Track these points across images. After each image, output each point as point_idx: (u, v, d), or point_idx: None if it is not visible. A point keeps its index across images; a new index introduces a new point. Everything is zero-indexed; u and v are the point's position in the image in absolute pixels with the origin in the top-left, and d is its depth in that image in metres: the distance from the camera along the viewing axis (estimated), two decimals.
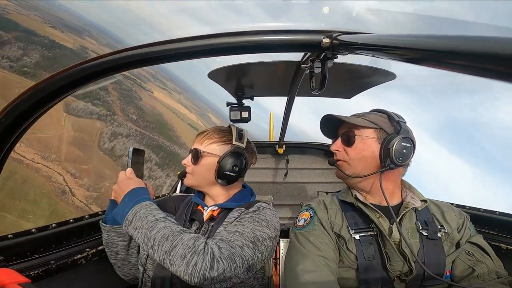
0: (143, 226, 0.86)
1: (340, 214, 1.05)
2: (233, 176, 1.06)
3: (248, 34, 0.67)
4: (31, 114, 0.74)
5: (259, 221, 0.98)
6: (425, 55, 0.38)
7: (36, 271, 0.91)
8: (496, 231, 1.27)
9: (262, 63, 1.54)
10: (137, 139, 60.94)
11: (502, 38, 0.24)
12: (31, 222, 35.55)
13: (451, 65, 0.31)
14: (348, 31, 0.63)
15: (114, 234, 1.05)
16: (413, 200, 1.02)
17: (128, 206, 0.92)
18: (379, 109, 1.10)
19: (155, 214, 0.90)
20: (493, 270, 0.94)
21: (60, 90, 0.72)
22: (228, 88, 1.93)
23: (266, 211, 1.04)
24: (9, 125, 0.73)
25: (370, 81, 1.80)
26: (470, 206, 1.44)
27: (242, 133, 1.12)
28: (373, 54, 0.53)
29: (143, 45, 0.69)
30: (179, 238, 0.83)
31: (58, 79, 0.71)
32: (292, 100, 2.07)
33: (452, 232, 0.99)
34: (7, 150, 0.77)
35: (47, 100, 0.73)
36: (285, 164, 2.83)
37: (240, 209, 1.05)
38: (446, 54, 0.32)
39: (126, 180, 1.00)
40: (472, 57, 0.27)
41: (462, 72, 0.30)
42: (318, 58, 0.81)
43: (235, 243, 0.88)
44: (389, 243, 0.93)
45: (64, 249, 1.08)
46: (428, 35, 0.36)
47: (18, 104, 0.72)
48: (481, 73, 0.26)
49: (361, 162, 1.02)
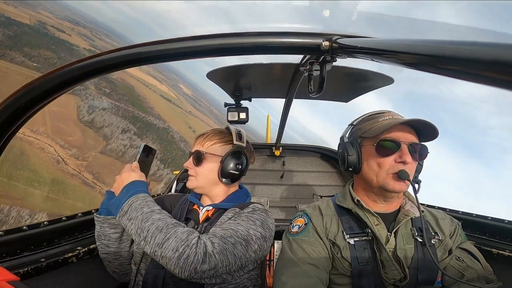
0: (137, 217, 0.86)
1: (335, 220, 1.04)
2: (236, 175, 1.09)
3: (248, 36, 0.66)
4: (26, 111, 0.73)
5: (253, 220, 0.98)
6: (424, 60, 0.38)
7: (25, 269, 0.90)
8: (487, 236, 1.28)
9: (261, 64, 1.54)
10: (113, 111, 61.91)
11: (502, 44, 0.24)
12: (38, 189, 37.84)
13: (450, 71, 0.31)
14: (348, 35, 0.64)
15: (107, 225, 1.04)
16: (412, 209, 1.01)
17: (125, 197, 0.92)
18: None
19: (151, 206, 0.90)
20: (483, 276, 0.94)
21: (55, 87, 0.71)
22: (226, 88, 1.92)
23: (261, 211, 1.04)
24: (3, 122, 0.72)
25: (368, 85, 1.81)
26: (463, 211, 1.46)
27: (241, 134, 1.14)
28: (372, 58, 0.53)
29: (148, 43, 0.69)
30: (173, 231, 0.83)
31: (55, 76, 0.70)
32: (290, 102, 2.07)
33: (445, 239, 1.00)
34: (1, 147, 0.76)
35: (43, 97, 0.72)
36: (281, 166, 2.83)
37: (235, 209, 1.05)
38: (445, 60, 0.32)
39: (129, 171, 1.01)
40: (471, 63, 0.27)
41: (461, 78, 0.30)
42: (317, 61, 0.81)
43: (228, 239, 0.89)
44: (385, 251, 0.93)
45: (55, 247, 1.07)
46: (428, 40, 0.36)
47: (12, 101, 0.71)
48: (480, 79, 0.26)
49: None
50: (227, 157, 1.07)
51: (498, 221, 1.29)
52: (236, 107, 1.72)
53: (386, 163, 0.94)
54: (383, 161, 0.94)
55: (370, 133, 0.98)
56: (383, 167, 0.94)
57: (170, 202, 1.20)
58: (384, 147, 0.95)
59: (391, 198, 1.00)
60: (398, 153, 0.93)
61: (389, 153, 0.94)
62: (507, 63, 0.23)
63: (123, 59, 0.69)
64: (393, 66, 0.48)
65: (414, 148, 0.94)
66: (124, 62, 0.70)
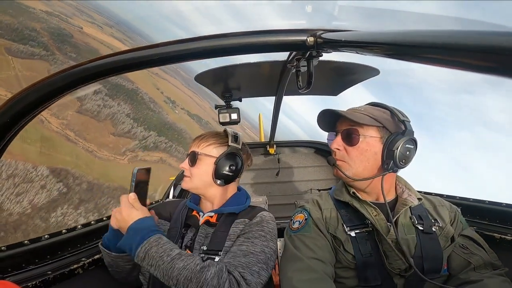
0: (159, 266, 0.85)
1: (335, 213, 1.04)
2: (230, 176, 1.09)
3: (233, 36, 0.66)
4: (29, 112, 0.73)
5: (264, 235, 1.00)
6: (407, 50, 0.38)
7: (33, 282, 0.90)
8: (487, 220, 1.27)
9: (248, 64, 1.54)
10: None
11: (480, 31, 0.25)
12: (32, 146, 37.89)
13: (433, 59, 0.32)
14: (332, 29, 0.64)
15: (120, 260, 1.02)
16: (410, 198, 1.00)
17: (136, 241, 0.89)
18: (379, 103, 1.04)
19: (169, 252, 0.88)
20: (489, 262, 0.93)
21: (57, 90, 0.71)
22: (216, 90, 1.91)
23: (268, 220, 1.07)
24: (5, 124, 0.72)
25: (355, 77, 1.83)
26: (460, 196, 1.45)
27: (237, 136, 1.15)
28: (357, 51, 0.54)
29: (132, 50, 0.68)
30: (203, 279, 0.83)
31: (58, 78, 0.70)
32: (280, 99, 2.08)
33: (446, 226, 0.98)
34: (2, 149, 0.76)
35: (47, 98, 0.72)
36: (277, 164, 2.84)
37: (244, 221, 1.06)
38: (427, 49, 0.32)
39: (129, 208, 0.95)
40: (453, 51, 0.28)
41: (444, 66, 0.31)
42: (303, 57, 0.81)
43: (253, 268, 0.91)
44: (386, 242, 0.91)
45: (59, 260, 1.07)
46: (409, 31, 0.37)
47: (14, 103, 0.71)
48: (462, 66, 0.27)
49: (363, 163, 0.97)
50: (222, 158, 1.08)
51: (496, 205, 1.28)
52: (226, 108, 1.71)
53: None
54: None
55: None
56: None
57: (169, 209, 1.19)
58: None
59: (361, 186, 1.02)
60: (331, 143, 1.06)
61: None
62: (486, 50, 0.24)
63: (126, 62, 0.69)
64: (377, 57, 0.49)
65: (333, 135, 1.06)
66: (126, 65, 0.70)
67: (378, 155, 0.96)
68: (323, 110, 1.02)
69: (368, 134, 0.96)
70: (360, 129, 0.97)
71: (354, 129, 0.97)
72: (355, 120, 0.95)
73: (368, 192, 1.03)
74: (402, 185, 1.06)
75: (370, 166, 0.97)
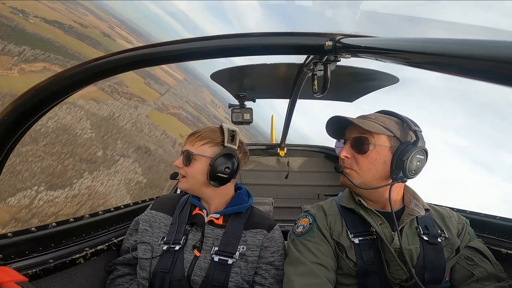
0: None
1: (339, 220, 1.03)
2: (225, 178, 1.05)
3: (252, 36, 0.67)
4: (35, 113, 0.73)
5: (283, 253, 1.08)
6: (429, 59, 0.37)
7: (34, 270, 0.91)
8: (496, 235, 1.25)
9: (265, 65, 1.55)
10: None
11: (505, 42, 0.24)
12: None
13: (455, 68, 0.31)
14: (351, 34, 0.63)
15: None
16: (417, 208, 0.99)
17: None
18: (390, 111, 1.02)
19: None
20: (493, 274, 0.92)
21: (63, 90, 0.72)
22: (230, 89, 1.93)
23: (280, 233, 1.13)
24: (11, 124, 0.72)
25: (373, 84, 1.80)
26: (471, 211, 1.42)
27: (234, 134, 1.11)
28: (376, 58, 0.53)
29: (148, 45, 0.70)
30: None
31: (62, 78, 0.71)
32: (294, 102, 2.06)
33: (452, 237, 0.97)
34: (7, 151, 0.76)
35: (52, 99, 0.73)
36: (286, 167, 2.83)
37: (262, 231, 1.08)
38: (450, 58, 0.32)
39: None
40: (476, 61, 0.27)
41: (466, 77, 0.30)
42: (320, 61, 0.81)
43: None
44: (389, 251, 0.91)
45: (63, 248, 1.07)
46: (433, 39, 0.36)
47: (20, 103, 0.72)
48: (485, 77, 0.26)
49: (371, 172, 0.96)
50: (217, 159, 1.03)
51: (507, 221, 1.26)
52: (240, 108, 1.73)
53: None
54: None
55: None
56: None
57: (171, 203, 1.18)
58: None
59: (368, 195, 1.00)
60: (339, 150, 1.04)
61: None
62: (508, 61, 0.23)
63: (131, 59, 0.69)
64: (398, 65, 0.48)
65: (341, 143, 1.05)
66: (129, 64, 0.71)
67: (387, 164, 0.94)
68: (333, 116, 1.01)
69: (379, 143, 0.94)
70: (370, 137, 0.95)
71: (365, 137, 0.95)
72: (365, 128, 0.92)
73: (374, 200, 1.02)
74: (410, 195, 1.04)
75: (379, 175, 0.96)
